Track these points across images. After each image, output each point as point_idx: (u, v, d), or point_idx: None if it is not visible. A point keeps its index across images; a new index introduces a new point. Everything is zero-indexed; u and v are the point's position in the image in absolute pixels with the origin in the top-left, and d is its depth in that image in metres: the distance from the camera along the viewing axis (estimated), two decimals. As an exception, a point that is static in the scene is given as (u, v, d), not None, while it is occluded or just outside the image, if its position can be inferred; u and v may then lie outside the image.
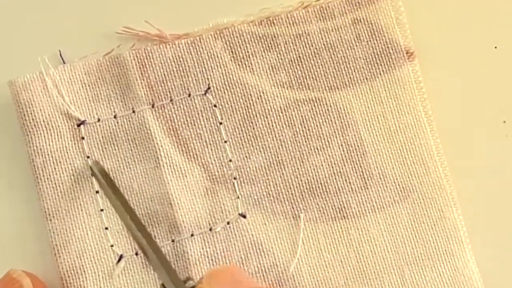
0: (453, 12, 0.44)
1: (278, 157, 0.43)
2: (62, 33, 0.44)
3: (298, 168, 0.43)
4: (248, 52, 0.43)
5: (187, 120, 0.43)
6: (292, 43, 0.43)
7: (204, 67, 0.43)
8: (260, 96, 0.43)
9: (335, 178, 0.43)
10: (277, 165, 0.43)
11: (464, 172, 0.43)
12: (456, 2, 0.44)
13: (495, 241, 0.43)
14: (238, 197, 0.43)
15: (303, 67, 0.43)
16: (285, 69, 0.43)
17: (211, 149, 0.43)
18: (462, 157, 0.43)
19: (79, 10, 0.44)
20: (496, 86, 0.44)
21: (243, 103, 0.43)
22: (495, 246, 0.43)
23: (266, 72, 0.43)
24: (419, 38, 0.44)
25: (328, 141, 0.43)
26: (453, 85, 0.44)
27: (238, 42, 0.43)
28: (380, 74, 0.43)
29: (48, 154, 0.42)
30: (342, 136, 0.43)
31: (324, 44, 0.43)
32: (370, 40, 0.43)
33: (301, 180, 0.43)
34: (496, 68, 0.44)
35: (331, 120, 0.43)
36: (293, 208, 0.43)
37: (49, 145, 0.42)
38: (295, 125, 0.43)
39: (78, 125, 0.43)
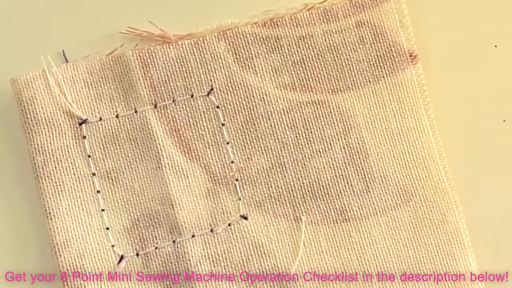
0: (457, 16, 0.44)
1: (280, 159, 0.43)
2: (65, 33, 0.44)
3: (300, 170, 0.43)
4: (251, 53, 0.43)
5: (189, 121, 0.43)
6: (296, 45, 0.43)
7: (207, 68, 0.43)
8: (263, 98, 0.43)
9: (337, 181, 0.43)
10: (279, 167, 0.43)
11: (466, 175, 0.43)
12: (460, 7, 0.44)
13: (497, 244, 0.43)
14: (240, 198, 0.43)
15: (306, 69, 0.43)
16: (288, 71, 0.43)
17: (213, 150, 0.43)
18: (464, 160, 0.43)
19: (83, 10, 0.44)
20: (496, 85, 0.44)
21: (246, 105, 0.43)
22: (497, 249, 0.43)
23: (269, 73, 0.43)
24: (423, 41, 0.44)
25: (330, 143, 0.43)
26: (456, 88, 0.44)
27: (242, 43, 0.43)
28: (383, 77, 0.43)
29: (49, 153, 0.42)
30: (345, 138, 0.43)
31: (327, 46, 0.43)
32: (373, 43, 0.43)
33: (303, 183, 0.43)
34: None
35: (333, 123, 0.43)
36: (294, 210, 0.43)
37: (50, 143, 0.42)
38: (297, 127, 0.43)
39: (80, 124, 0.42)
